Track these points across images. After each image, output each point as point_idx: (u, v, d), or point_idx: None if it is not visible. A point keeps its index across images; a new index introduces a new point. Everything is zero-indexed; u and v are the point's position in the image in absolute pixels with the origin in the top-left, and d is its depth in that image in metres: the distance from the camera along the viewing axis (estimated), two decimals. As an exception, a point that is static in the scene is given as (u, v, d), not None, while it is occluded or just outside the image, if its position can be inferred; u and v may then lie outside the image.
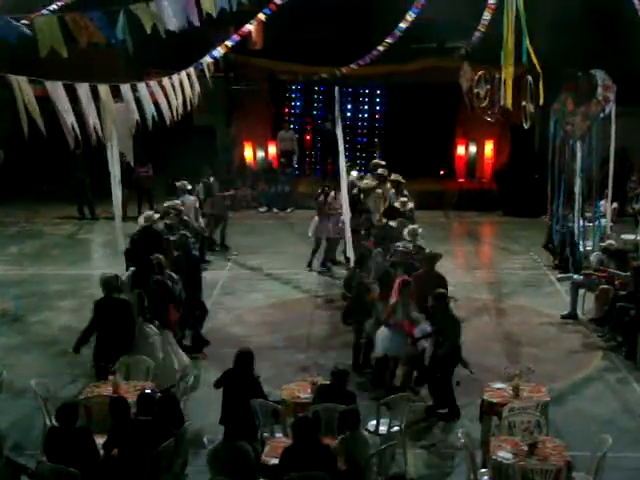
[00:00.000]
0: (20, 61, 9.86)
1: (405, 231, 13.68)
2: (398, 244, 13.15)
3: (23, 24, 9.08)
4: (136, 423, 8.25)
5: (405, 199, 16.50)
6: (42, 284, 16.46)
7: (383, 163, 18.47)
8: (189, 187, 17.27)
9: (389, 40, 16.56)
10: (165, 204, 15.78)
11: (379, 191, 16.83)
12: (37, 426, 9.67)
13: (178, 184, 17.28)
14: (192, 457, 9.00)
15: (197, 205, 17.20)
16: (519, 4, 13.65)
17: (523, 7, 13.54)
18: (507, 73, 14.01)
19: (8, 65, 9.58)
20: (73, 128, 8.93)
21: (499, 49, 14.49)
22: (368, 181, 17.31)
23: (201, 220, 17.22)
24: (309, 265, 17.12)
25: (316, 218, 16.99)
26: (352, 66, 18.04)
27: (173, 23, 10.84)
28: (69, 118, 9.00)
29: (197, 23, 11.19)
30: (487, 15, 16.83)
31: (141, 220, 14.39)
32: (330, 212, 16.80)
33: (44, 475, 7.86)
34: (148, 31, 10.52)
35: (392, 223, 14.79)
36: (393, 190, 16.97)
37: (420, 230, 13.95)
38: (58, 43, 9.44)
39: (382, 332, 11.24)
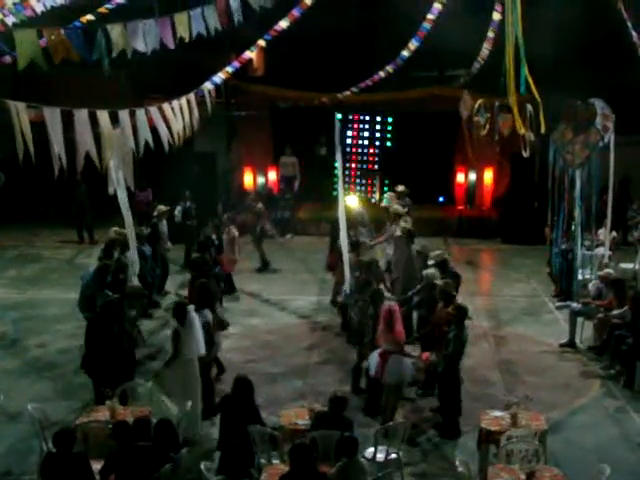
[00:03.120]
0: (22, 84, 9.94)
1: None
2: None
3: None
4: (134, 448, 8.21)
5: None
6: (40, 308, 16.45)
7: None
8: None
9: (390, 67, 16.70)
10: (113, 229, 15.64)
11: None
12: (33, 451, 9.63)
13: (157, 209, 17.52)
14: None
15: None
16: (519, 35, 13.77)
17: (522, 38, 13.66)
18: (512, 101, 14.08)
19: (9, 88, 9.66)
20: (60, 158, 9.00)
21: (498, 78, 14.62)
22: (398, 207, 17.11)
23: (169, 244, 17.43)
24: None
25: None
26: (353, 90, 18.19)
27: (144, 45, 10.93)
28: (58, 147, 9.07)
29: (172, 46, 11.29)
30: (487, 45, 17.01)
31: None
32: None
33: (40, 500, 7.82)
34: (114, 54, 10.61)
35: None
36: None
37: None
38: (38, 56, 9.51)
39: (392, 360, 10.93)
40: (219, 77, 13.95)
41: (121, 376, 10.66)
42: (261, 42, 14.56)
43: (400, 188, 18.77)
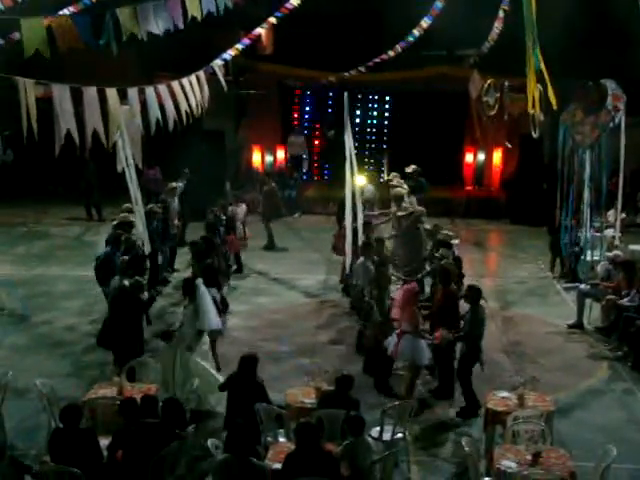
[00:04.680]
0: (29, 63, 9.89)
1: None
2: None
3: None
4: (141, 425, 8.25)
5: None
6: (49, 285, 16.51)
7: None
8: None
9: (401, 46, 16.61)
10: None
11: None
12: (41, 426, 9.67)
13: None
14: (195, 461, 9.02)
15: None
16: (532, 15, 13.65)
17: (535, 18, 13.55)
18: (531, 80, 13.98)
19: (17, 67, 9.63)
20: (69, 134, 8.98)
21: (508, 58, 14.52)
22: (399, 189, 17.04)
23: (176, 221, 17.44)
24: None
25: None
26: (361, 69, 18.09)
27: (157, 26, 10.86)
28: (66, 124, 9.04)
29: (181, 26, 11.23)
30: (497, 25, 16.89)
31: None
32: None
33: (47, 475, 7.86)
34: (124, 38, 10.54)
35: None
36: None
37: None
38: (43, 45, 9.47)
39: (406, 340, 10.97)
40: (229, 54, 13.90)
41: (131, 353, 10.71)
42: (272, 19, 14.48)
43: (411, 168, 18.68)
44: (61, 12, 11.60)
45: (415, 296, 11.19)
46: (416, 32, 16.24)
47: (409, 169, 18.62)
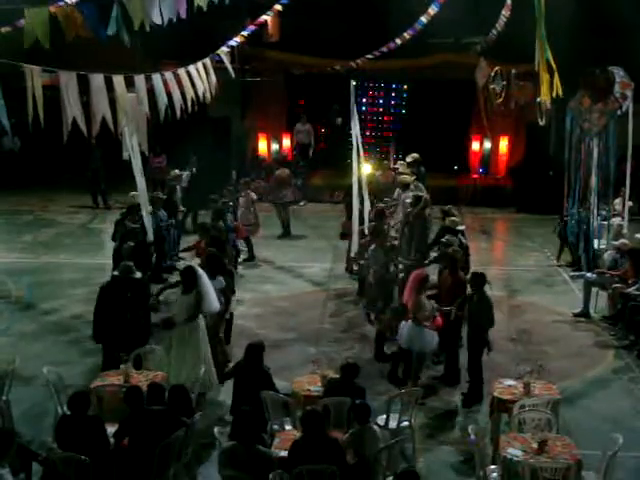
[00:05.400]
0: (35, 50, 9.87)
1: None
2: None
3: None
4: (148, 413, 8.27)
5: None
6: (55, 272, 16.54)
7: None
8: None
9: (408, 33, 16.53)
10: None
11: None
12: (48, 413, 9.71)
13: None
14: (201, 448, 9.06)
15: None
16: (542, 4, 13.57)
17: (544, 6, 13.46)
18: (542, 68, 13.89)
19: (23, 54, 9.60)
20: (75, 123, 8.96)
21: (515, 45, 14.43)
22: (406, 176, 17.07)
23: (181, 207, 17.72)
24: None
25: None
26: (368, 57, 18.02)
27: (160, 17, 10.82)
28: (72, 112, 9.02)
29: (184, 16, 11.18)
30: (504, 12, 16.79)
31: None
32: None
33: (55, 462, 7.89)
34: (136, 27, 10.49)
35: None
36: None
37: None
38: (43, 36, 9.43)
39: (408, 327, 11.01)
40: (235, 41, 13.87)
41: (135, 341, 10.73)
42: (277, 6, 14.45)
43: (411, 157, 18.63)
44: (68, 0, 11.57)
45: (420, 283, 11.17)
46: (424, 19, 16.14)
47: (409, 158, 18.55)
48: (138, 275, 11.63)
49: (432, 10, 15.81)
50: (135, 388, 8.66)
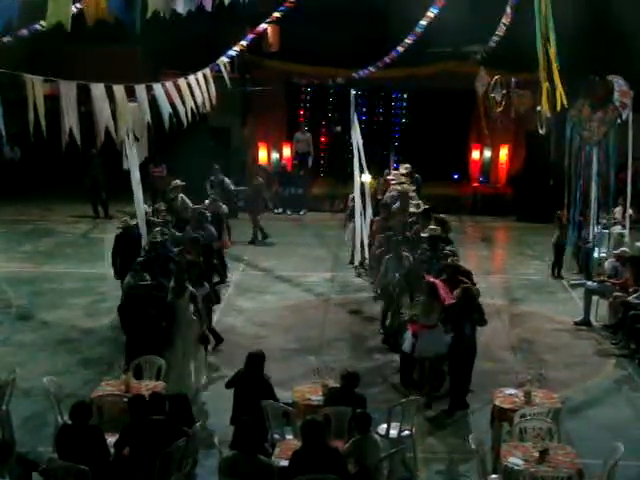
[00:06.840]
0: (36, 60, 9.87)
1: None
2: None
3: None
4: (148, 422, 8.26)
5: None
6: (56, 282, 16.52)
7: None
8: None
9: (409, 39, 16.55)
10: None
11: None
12: (48, 423, 9.70)
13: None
14: (202, 457, 9.03)
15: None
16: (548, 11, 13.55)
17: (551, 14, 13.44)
18: (542, 78, 13.88)
19: (26, 63, 9.60)
20: (71, 133, 8.96)
21: (515, 54, 14.43)
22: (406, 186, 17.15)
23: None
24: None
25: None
26: (370, 69, 18.05)
27: (183, 5, 10.70)
28: (69, 122, 9.01)
29: (209, 9, 11.08)
30: (504, 20, 16.82)
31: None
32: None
33: (55, 472, 7.87)
34: (149, 14, 10.33)
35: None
36: None
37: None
38: (65, 17, 9.33)
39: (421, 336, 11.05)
40: (234, 51, 13.89)
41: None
42: (276, 14, 14.50)
43: (405, 168, 18.61)
44: None
45: (437, 290, 11.19)
46: (423, 22, 16.14)
47: (403, 170, 18.56)
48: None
49: (431, 13, 15.83)
50: (139, 397, 8.64)
